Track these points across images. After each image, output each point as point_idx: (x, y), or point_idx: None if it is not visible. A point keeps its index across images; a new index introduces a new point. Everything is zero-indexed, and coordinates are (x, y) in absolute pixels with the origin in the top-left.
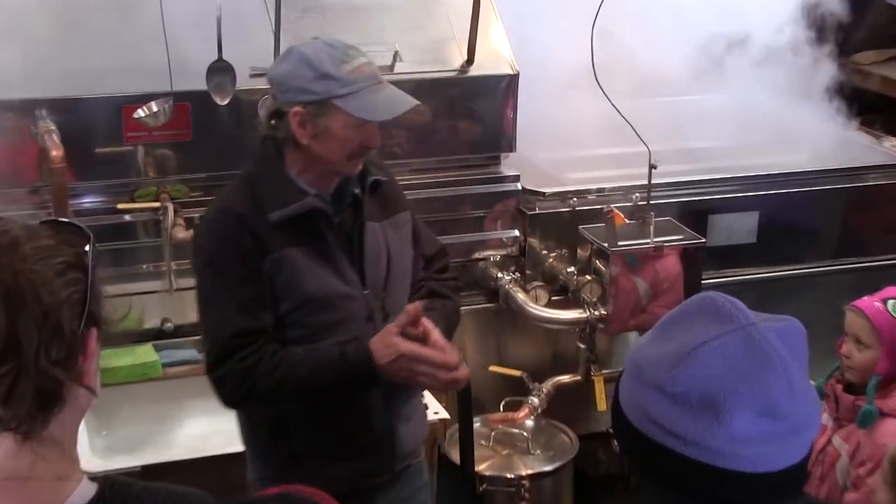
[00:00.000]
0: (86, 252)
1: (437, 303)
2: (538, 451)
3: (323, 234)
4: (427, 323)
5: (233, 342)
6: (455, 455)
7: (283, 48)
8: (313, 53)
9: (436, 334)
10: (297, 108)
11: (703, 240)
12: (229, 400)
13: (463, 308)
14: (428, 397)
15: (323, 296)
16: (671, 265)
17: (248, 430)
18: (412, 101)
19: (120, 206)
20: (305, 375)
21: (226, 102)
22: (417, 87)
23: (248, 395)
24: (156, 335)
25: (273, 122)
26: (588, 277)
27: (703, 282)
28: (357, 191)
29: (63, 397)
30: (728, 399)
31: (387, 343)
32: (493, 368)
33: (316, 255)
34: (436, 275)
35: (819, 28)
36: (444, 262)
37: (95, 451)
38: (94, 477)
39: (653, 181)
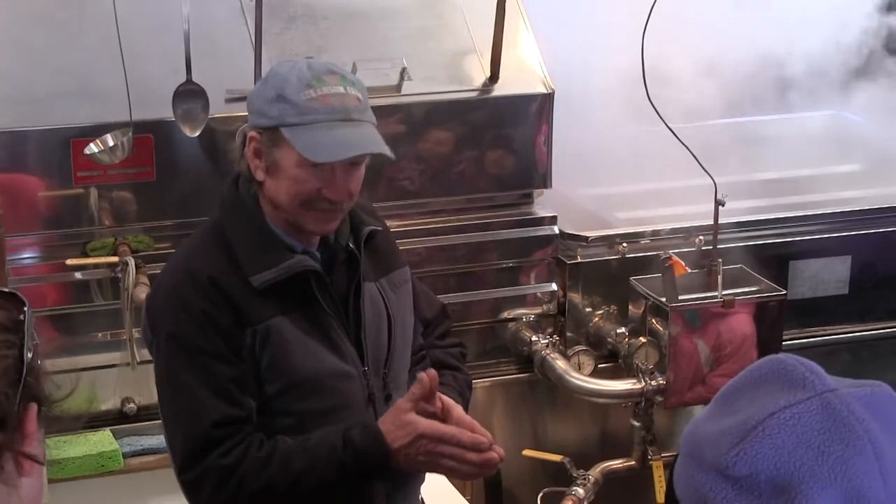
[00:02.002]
0: (21, 319)
1: (448, 376)
2: None
3: (315, 300)
4: (444, 397)
5: (211, 434)
6: None
7: (265, 65)
8: (285, 71)
9: (458, 410)
10: (252, 133)
11: (784, 291)
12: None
13: (491, 379)
14: (449, 488)
15: (316, 376)
16: (738, 324)
17: None
18: (377, 147)
19: (69, 261)
20: (302, 470)
21: (197, 134)
22: (431, 111)
23: (232, 499)
24: (115, 419)
25: (240, 153)
26: (642, 340)
27: (783, 343)
28: (351, 244)
29: None
30: (804, 482)
31: (401, 422)
32: (527, 453)
33: (307, 326)
34: (437, 341)
35: None
36: (446, 327)
37: None
38: None
39: (720, 220)
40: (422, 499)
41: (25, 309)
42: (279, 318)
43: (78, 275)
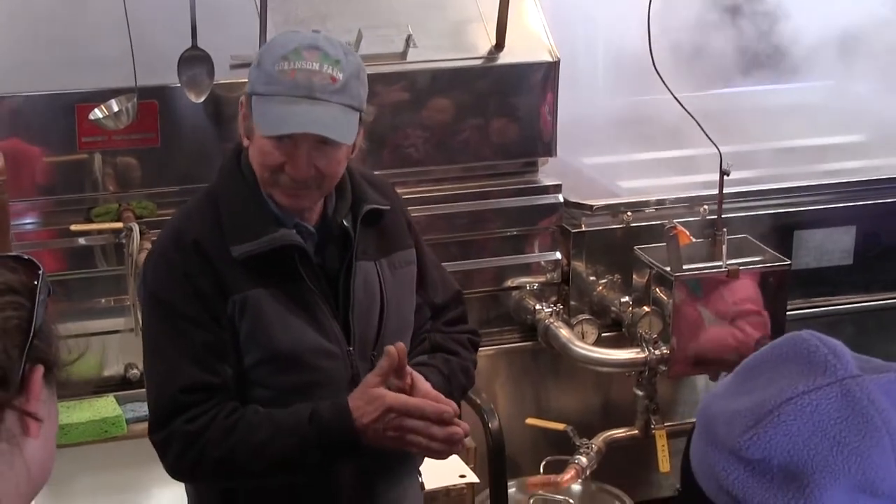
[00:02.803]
0: (34, 285)
1: (439, 357)
2: None
3: (298, 275)
4: (413, 372)
5: (180, 398)
6: None
7: (270, 32)
8: (276, 40)
9: (424, 383)
10: (242, 98)
11: (788, 261)
12: (173, 470)
13: (495, 347)
14: (454, 458)
15: (294, 351)
16: (742, 289)
17: None
18: (321, 129)
19: (74, 227)
20: (264, 441)
21: (202, 100)
22: (436, 79)
23: (197, 466)
24: (118, 384)
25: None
26: (646, 309)
27: (787, 313)
28: (347, 223)
29: None
30: (817, 472)
31: (369, 397)
32: (530, 421)
33: (288, 300)
34: (444, 327)
35: None
36: (459, 312)
37: None
38: None
39: (725, 190)
40: (421, 482)
41: (40, 273)
42: (258, 290)
43: (82, 240)
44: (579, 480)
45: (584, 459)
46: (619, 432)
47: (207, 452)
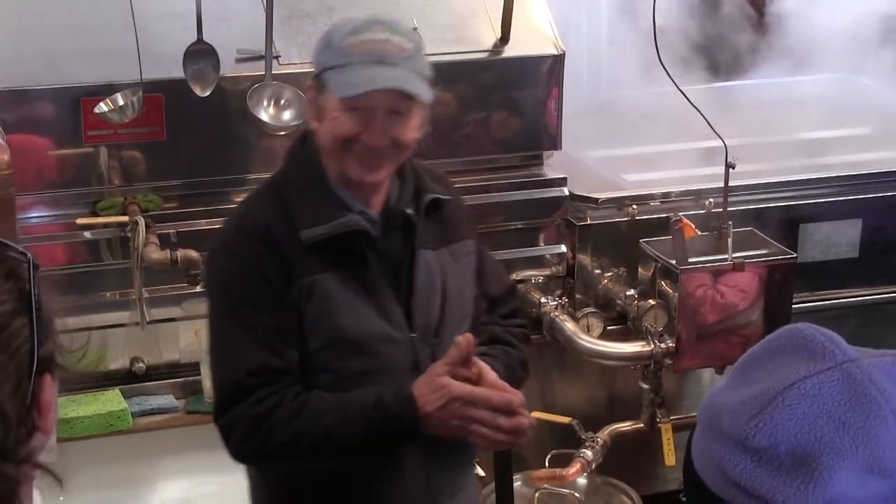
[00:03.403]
0: (26, 280)
1: (499, 349)
2: None
3: (364, 260)
4: (480, 362)
5: (248, 381)
6: None
7: (275, 25)
8: (338, 23)
9: (491, 374)
10: (309, 83)
11: (794, 255)
12: (237, 453)
13: None
14: None
15: (359, 336)
16: (742, 283)
17: (260, 496)
18: (402, 84)
19: (79, 221)
20: (330, 426)
21: (207, 93)
22: (441, 72)
23: (261, 449)
24: (124, 378)
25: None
26: (651, 302)
27: (793, 306)
28: (410, 211)
29: (16, 494)
30: (825, 453)
31: (434, 385)
32: (536, 414)
33: (354, 285)
34: (500, 320)
35: None
36: (513, 306)
37: None
38: None
39: (731, 183)
40: (478, 473)
41: (29, 268)
42: (326, 275)
43: (87, 234)
44: (585, 474)
45: (589, 453)
46: (625, 426)
47: (273, 436)
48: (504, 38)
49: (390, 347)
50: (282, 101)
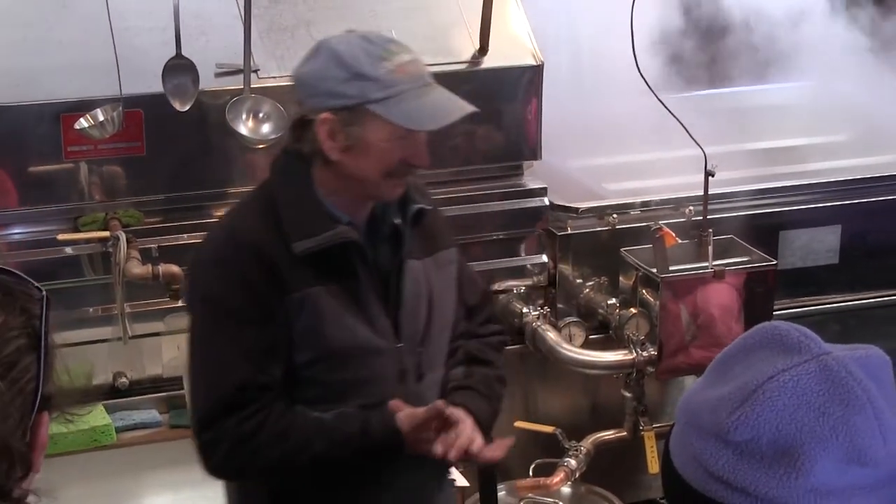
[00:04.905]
0: (38, 317)
1: (478, 375)
2: None
3: (355, 272)
4: (455, 415)
5: (234, 397)
6: None
7: (254, 39)
8: (347, 49)
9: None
10: (325, 115)
11: (774, 262)
12: (218, 470)
13: None
14: None
15: (347, 349)
16: (723, 290)
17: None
18: (468, 107)
19: (60, 237)
20: (317, 452)
21: (187, 108)
22: None
23: (244, 468)
24: (107, 393)
25: (296, 132)
26: (633, 311)
27: (774, 313)
28: (398, 221)
29: None
30: (806, 443)
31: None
32: (519, 424)
33: (344, 298)
34: (479, 328)
35: None
36: (489, 312)
37: None
38: None
39: (710, 191)
40: (453, 480)
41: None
42: (317, 288)
43: (68, 250)
44: (569, 483)
45: (573, 462)
46: (608, 434)
47: (258, 456)
48: (483, 49)
49: (377, 358)
50: (260, 115)
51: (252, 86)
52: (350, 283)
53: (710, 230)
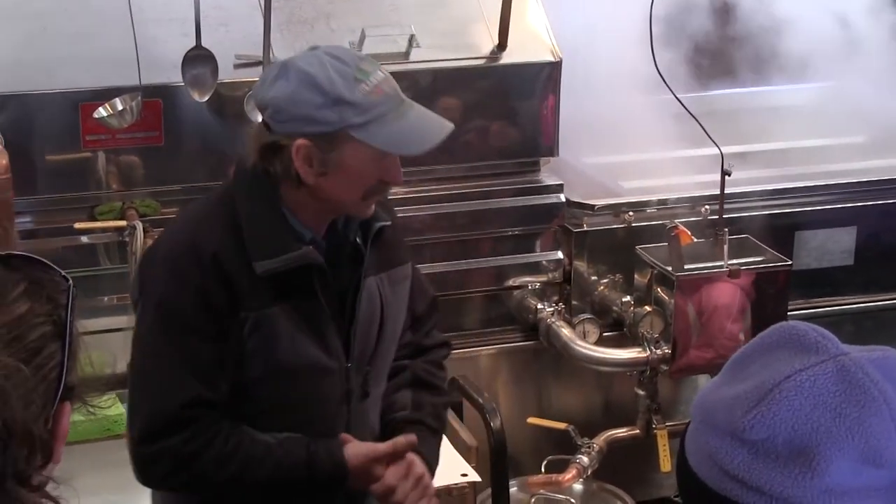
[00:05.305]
0: (64, 306)
1: (428, 406)
2: None
3: (313, 293)
4: (409, 457)
5: (179, 413)
6: None
7: (273, 31)
8: (319, 71)
9: (418, 469)
10: (301, 142)
11: (789, 262)
12: (155, 485)
13: (497, 347)
14: (456, 457)
15: (297, 368)
16: (738, 289)
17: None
18: (447, 125)
19: (77, 225)
20: (261, 478)
21: (205, 99)
22: (438, 79)
23: (184, 485)
24: (121, 382)
25: (265, 155)
26: (647, 309)
27: (788, 313)
28: (359, 240)
29: None
30: (822, 443)
31: (367, 472)
32: (532, 420)
33: (299, 318)
34: (425, 338)
35: None
36: (435, 321)
37: None
38: None
39: (726, 190)
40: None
41: (68, 293)
42: (274, 309)
43: (85, 238)
44: (581, 480)
45: (585, 459)
46: (621, 432)
47: (201, 476)
48: (501, 45)
49: (325, 377)
50: None
51: None
52: (307, 303)
53: (726, 229)
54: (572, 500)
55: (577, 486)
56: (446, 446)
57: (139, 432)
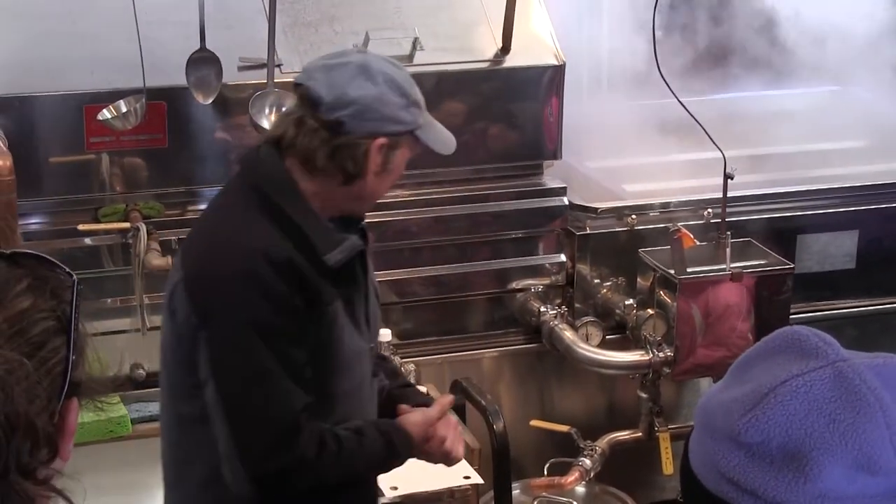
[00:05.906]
0: (68, 302)
1: (400, 373)
2: None
3: (357, 280)
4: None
5: (298, 422)
6: None
7: (278, 34)
8: (399, 74)
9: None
10: (382, 140)
11: (792, 265)
12: (290, 494)
13: (499, 349)
14: None
15: (348, 356)
16: (740, 293)
17: None
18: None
19: (81, 227)
20: (362, 469)
21: (210, 101)
22: (442, 82)
23: (312, 489)
24: (126, 384)
25: (338, 154)
26: (650, 312)
27: (791, 316)
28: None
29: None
30: (815, 449)
31: (429, 434)
32: (534, 423)
33: (349, 306)
34: None
35: None
36: None
37: None
38: None
39: (729, 194)
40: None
41: (72, 289)
42: (337, 301)
43: (88, 240)
44: (583, 482)
45: (587, 461)
46: (623, 434)
47: (324, 477)
48: (505, 48)
49: (362, 361)
50: (283, 109)
51: (275, 80)
52: (353, 291)
53: (729, 233)
54: (575, 503)
55: (580, 489)
56: None
57: (262, 452)
